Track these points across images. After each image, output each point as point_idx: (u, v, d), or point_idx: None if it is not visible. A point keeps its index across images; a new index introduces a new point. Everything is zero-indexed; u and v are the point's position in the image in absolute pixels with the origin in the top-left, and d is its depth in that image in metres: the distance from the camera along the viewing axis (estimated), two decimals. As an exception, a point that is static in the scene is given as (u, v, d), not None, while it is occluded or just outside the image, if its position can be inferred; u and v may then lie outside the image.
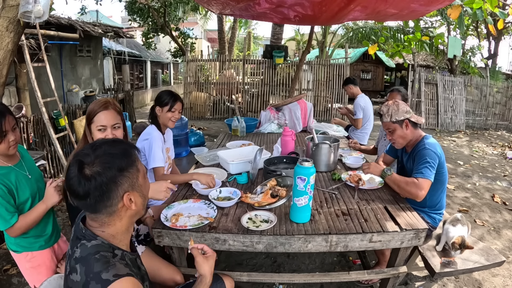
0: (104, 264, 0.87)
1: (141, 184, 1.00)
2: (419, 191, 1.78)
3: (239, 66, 9.50)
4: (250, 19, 8.28)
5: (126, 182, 0.94)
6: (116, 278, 0.85)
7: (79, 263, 0.89)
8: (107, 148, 0.94)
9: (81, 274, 0.87)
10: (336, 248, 1.52)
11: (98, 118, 1.49)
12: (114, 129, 1.52)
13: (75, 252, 0.92)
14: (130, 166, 0.95)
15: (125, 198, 0.94)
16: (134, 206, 0.97)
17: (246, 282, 1.90)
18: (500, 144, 7.36)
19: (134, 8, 10.30)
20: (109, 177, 0.90)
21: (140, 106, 11.73)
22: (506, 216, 3.54)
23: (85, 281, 0.85)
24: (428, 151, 1.86)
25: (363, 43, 7.88)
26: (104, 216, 0.95)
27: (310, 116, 4.06)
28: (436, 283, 2.34)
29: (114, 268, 0.87)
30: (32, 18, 2.29)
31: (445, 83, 9.10)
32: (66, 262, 0.98)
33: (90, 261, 0.88)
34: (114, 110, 1.53)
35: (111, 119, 1.50)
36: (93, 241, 0.93)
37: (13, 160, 1.51)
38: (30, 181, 1.53)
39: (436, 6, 2.90)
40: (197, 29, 20.75)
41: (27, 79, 4.93)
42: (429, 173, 1.82)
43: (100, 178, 0.89)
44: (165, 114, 2.15)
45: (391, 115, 1.96)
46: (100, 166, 0.90)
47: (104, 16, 13.58)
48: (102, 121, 1.48)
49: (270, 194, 1.75)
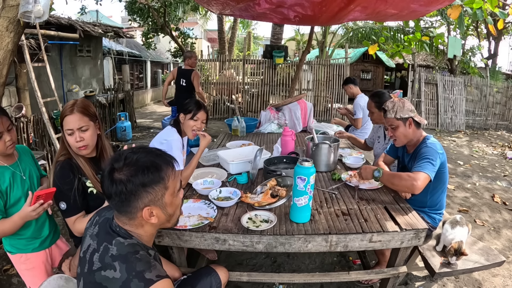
0: (146, 264, 0.91)
1: (166, 202, 1.00)
2: (414, 182, 1.69)
3: (239, 66, 9.50)
4: (250, 19, 8.27)
5: (147, 197, 0.95)
6: (159, 279, 0.89)
7: (118, 261, 0.91)
8: (139, 157, 0.96)
9: (121, 271, 0.89)
10: (336, 248, 1.52)
11: (65, 122, 1.48)
12: (82, 132, 1.48)
13: (109, 248, 0.94)
14: (155, 183, 0.95)
15: (145, 211, 0.96)
16: (154, 220, 0.99)
17: (246, 282, 1.90)
18: (500, 144, 7.36)
19: (134, 8, 10.29)
20: (129, 189, 0.93)
21: (140, 106, 11.73)
22: (506, 216, 3.54)
23: (127, 278, 0.88)
24: (429, 149, 1.84)
25: (363, 43, 7.88)
26: (125, 219, 0.99)
27: (310, 116, 4.06)
28: (436, 283, 2.34)
29: (156, 269, 0.91)
30: (32, 18, 2.29)
31: (445, 83, 9.10)
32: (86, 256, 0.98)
33: (132, 260, 0.91)
34: (80, 113, 1.48)
35: (76, 122, 1.46)
36: (128, 239, 0.96)
37: (10, 160, 1.51)
38: (24, 182, 1.52)
39: (436, 6, 2.90)
40: (197, 29, 20.74)
41: (27, 79, 4.92)
42: (428, 167, 1.76)
43: (121, 186, 0.92)
44: (187, 121, 2.11)
45: (396, 111, 1.94)
46: (125, 176, 0.93)
47: (104, 16, 13.59)
48: (69, 124, 1.47)
49: (270, 194, 1.75)
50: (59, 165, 1.49)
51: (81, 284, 0.99)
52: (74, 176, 1.48)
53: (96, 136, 1.55)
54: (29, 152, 1.69)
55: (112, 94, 7.02)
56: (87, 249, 1.00)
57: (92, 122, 1.53)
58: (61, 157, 1.52)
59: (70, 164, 1.50)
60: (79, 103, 1.51)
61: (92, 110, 1.55)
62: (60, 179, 1.46)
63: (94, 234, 1.01)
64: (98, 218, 1.07)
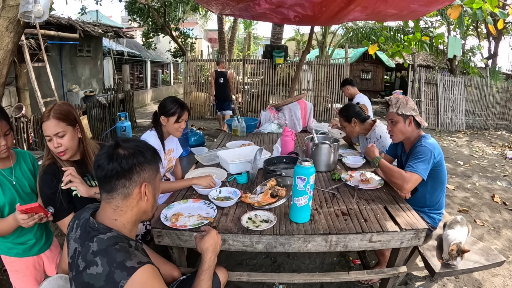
0: (126, 254, 0.92)
1: (156, 185, 1.10)
2: (405, 184, 1.78)
3: (239, 66, 9.51)
4: (250, 19, 8.29)
5: (147, 173, 1.04)
6: (140, 265, 0.91)
7: (99, 255, 0.92)
8: (143, 143, 1.08)
9: (103, 265, 0.90)
10: (336, 248, 1.52)
11: (43, 127, 1.46)
12: (59, 138, 1.46)
13: (90, 246, 0.94)
14: (154, 163, 1.07)
15: (143, 187, 1.02)
16: (146, 200, 1.04)
17: (246, 282, 1.90)
18: (500, 144, 7.36)
19: (134, 8, 10.30)
20: (137, 161, 1.01)
21: (140, 106, 11.74)
22: (506, 216, 3.55)
23: (109, 270, 0.89)
24: (424, 147, 1.86)
25: (363, 43, 7.88)
26: (119, 198, 1.01)
27: (310, 116, 4.06)
28: (436, 283, 2.34)
29: (136, 257, 0.93)
30: (32, 18, 2.30)
31: (445, 83, 9.10)
32: (74, 260, 0.99)
33: (111, 252, 0.92)
34: (56, 119, 1.44)
35: (52, 128, 1.44)
36: (108, 233, 0.97)
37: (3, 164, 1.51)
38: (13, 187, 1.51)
39: (436, 6, 2.90)
40: (197, 29, 20.75)
41: (27, 79, 4.93)
42: (421, 167, 1.80)
43: (130, 158, 1.00)
44: (171, 125, 2.03)
45: (398, 107, 1.97)
46: (133, 150, 1.02)
47: (104, 16, 13.59)
48: (46, 131, 1.45)
49: (270, 194, 1.75)
50: (43, 170, 1.49)
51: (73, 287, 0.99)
52: (57, 180, 1.47)
53: (76, 140, 1.52)
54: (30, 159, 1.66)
55: (112, 94, 7.02)
56: (74, 253, 1.00)
57: (70, 126, 1.49)
58: (47, 161, 1.51)
59: (53, 169, 1.50)
60: (56, 108, 1.47)
61: (71, 115, 1.51)
62: (44, 184, 1.47)
63: (77, 237, 1.02)
64: (78, 221, 1.06)
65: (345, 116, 2.59)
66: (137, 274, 0.89)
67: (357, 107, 2.60)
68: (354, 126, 2.56)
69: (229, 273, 1.58)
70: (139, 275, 0.89)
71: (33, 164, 1.66)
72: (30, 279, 1.61)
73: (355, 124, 2.55)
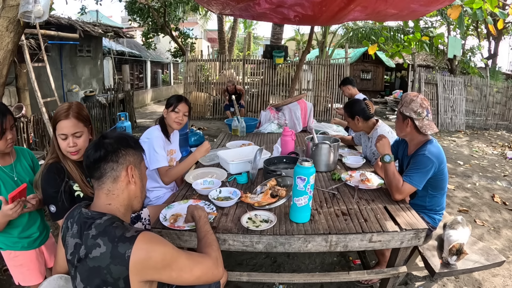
0: (123, 228, 0.99)
1: (142, 171, 1.18)
2: (398, 195, 1.81)
3: (239, 66, 9.51)
4: (250, 19, 8.28)
5: (132, 157, 1.12)
6: (139, 232, 0.98)
7: (100, 237, 0.97)
8: (126, 134, 1.19)
9: (105, 244, 0.96)
10: (336, 248, 1.52)
11: (59, 126, 1.46)
12: (76, 138, 1.47)
13: (89, 234, 0.99)
14: (138, 149, 1.16)
15: (129, 169, 1.10)
16: (134, 183, 1.11)
17: (246, 282, 1.90)
18: (500, 144, 7.36)
19: (134, 8, 10.30)
20: (121, 145, 1.10)
21: (140, 106, 11.74)
22: (506, 216, 3.55)
23: (112, 246, 0.95)
24: (426, 158, 1.82)
25: (363, 43, 7.87)
26: (109, 182, 1.07)
27: (310, 116, 4.06)
28: (436, 283, 2.34)
29: (133, 228, 1.01)
30: (32, 18, 2.30)
31: (445, 83, 9.10)
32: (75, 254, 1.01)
33: (110, 230, 0.98)
34: (75, 118, 1.46)
35: (71, 128, 1.45)
36: (104, 217, 1.02)
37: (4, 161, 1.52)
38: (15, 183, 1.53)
39: (436, 6, 2.90)
40: (197, 29, 20.75)
41: (27, 79, 4.93)
42: (417, 179, 1.81)
43: (115, 144, 1.09)
44: (169, 114, 2.21)
45: (402, 104, 1.96)
46: (117, 138, 1.12)
47: (104, 16, 13.58)
48: (63, 129, 1.45)
49: (270, 194, 1.75)
50: (46, 169, 1.49)
51: (78, 279, 1.00)
52: (60, 179, 1.48)
53: (88, 141, 1.54)
54: (29, 156, 1.68)
55: (112, 94, 7.03)
56: (75, 248, 1.02)
57: (86, 127, 1.52)
58: (50, 160, 1.51)
59: (57, 168, 1.50)
60: (74, 108, 1.48)
61: (86, 114, 1.54)
62: (46, 182, 1.47)
63: (75, 233, 1.03)
64: (71, 219, 1.08)
65: (349, 112, 2.59)
66: (139, 239, 0.96)
67: (363, 104, 2.58)
68: (357, 123, 2.56)
69: (229, 273, 1.58)
70: (140, 238, 0.96)
71: (32, 160, 1.69)
72: (35, 272, 1.64)
73: (358, 121, 2.54)
